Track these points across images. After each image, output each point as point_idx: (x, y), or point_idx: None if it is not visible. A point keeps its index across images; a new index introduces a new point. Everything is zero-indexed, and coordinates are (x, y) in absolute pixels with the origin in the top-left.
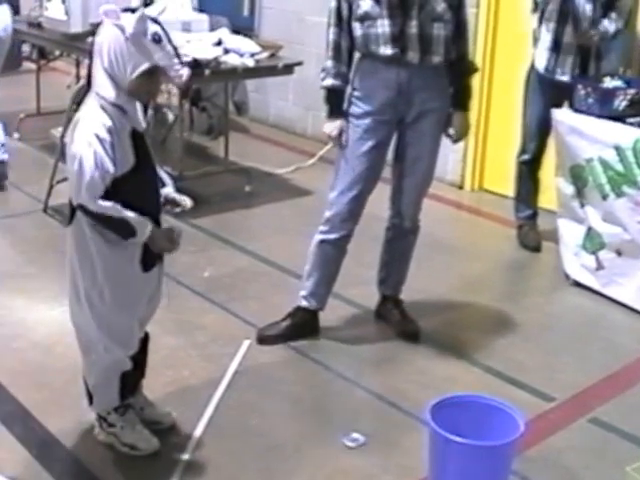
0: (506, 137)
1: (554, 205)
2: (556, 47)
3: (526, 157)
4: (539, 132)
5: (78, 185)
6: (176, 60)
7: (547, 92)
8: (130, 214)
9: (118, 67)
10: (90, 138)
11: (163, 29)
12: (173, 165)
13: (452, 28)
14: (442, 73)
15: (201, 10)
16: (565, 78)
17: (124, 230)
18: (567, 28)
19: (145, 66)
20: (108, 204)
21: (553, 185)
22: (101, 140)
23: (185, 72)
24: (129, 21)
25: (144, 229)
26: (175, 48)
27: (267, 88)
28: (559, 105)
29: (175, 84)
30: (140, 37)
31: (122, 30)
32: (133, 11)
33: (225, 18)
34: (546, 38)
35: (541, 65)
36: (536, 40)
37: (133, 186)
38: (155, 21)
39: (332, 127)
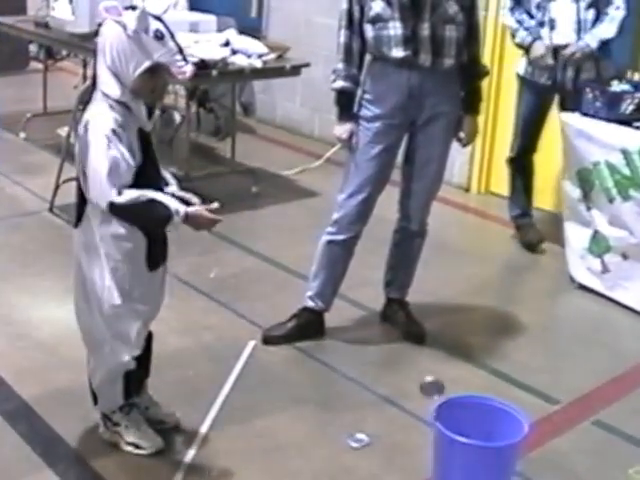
0: None
1: (554, 207)
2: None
3: (510, 155)
4: (522, 131)
5: (104, 185)
6: (179, 56)
7: (529, 94)
8: (165, 197)
9: (121, 65)
10: (108, 134)
11: (165, 26)
12: (180, 166)
13: (464, 31)
14: (453, 77)
15: (192, 9)
16: (542, 80)
17: (159, 214)
18: (542, 32)
19: (147, 64)
20: (135, 192)
21: (556, 187)
22: (118, 135)
23: (188, 68)
24: (130, 18)
25: (177, 206)
26: (178, 44)
27: (274, 89)
28: (546, 106)
29: (179, 81)
30: (142, 34)
31: (124, 27)
32: (134, 8)
33: (232, 19)
34: None
35: (521, 68)
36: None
37: (139, 183)
38: (157, 18)
39: (342, 130)
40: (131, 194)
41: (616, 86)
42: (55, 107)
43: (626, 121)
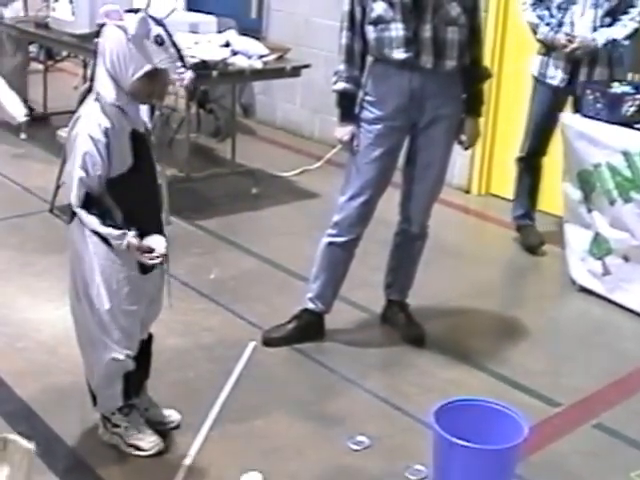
0: (513, 141)
1: (555, 209)
2: (547, 51)
3: (520, 154)
4: (533, 132)
5: (69, 184)
6: (179, 63)
7: (541, 95)
8: (106, 230)
9: (120, 68)
10: (84, 138)
11: (167, 31)
12: (180, 167)
13: (467, 33)
14: (455, 79)
15: (192, 10)
16: (555, 82)
17: (103, 240)
18: (559, 34)
19: (146, 68)
20: (88, 218)
21: (557, 189)
22: (95, 141)
23: (188, 75)
24: (131, 22)
25: (121, 239)
26: (179, 51)
27: (274, 90)
28: (558, 108)
29: (178, 87)
30: (142, 39)
31: (124, 31)
32: (137, 12)
33: (233, 20)
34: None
35: (534, 68)
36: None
37: (130, 186)
38: (159, 23)
39: (343, 132)
40: (87, 218)
41: (617, 88)
42: (55, 108)
43: (627, 123)
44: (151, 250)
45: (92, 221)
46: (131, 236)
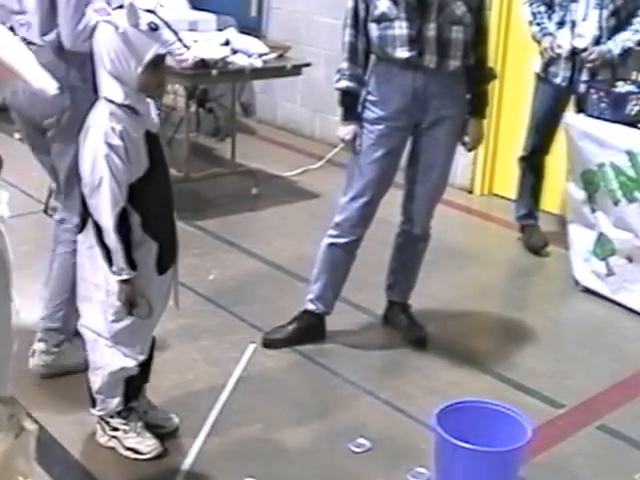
0: (516, 141)
1: (559, 209)
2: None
3: (522, 153)
4: (536, 130)
5: (94, 194)
6: (178, 44)
7: (545, 93)
8: (122, 258)
9: (122, 66)
10: (102, 147)
11: (158, 17)
12: (179, 166)
13: (472, 32)
14: (459, 79)
15: (195, 7)
16: (558, 80)
17: (107, 256)
18: (562, 32)
19: (149, 57)
20: (117, 243)
21: (561, 189)
22: (114, 147)
23: (190, 55)
24: (120, 16)
25: (120, 273)
26: (175, 32)
27: (274, 89)
28: (561, 107)
29: (182, 68)
30: (135, 30)
31: (115, 27)
32: (122, 7)
33: (232, 18)
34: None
35: (537, 66)
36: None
37: (147, 188)
38: (148, 10)
39: (346, 131)
40: (113, 237)
41: (621, 87)
42: None
43: (631, 122)
44: (133, 304)
45: (118, 247)
46: (127, 275)
